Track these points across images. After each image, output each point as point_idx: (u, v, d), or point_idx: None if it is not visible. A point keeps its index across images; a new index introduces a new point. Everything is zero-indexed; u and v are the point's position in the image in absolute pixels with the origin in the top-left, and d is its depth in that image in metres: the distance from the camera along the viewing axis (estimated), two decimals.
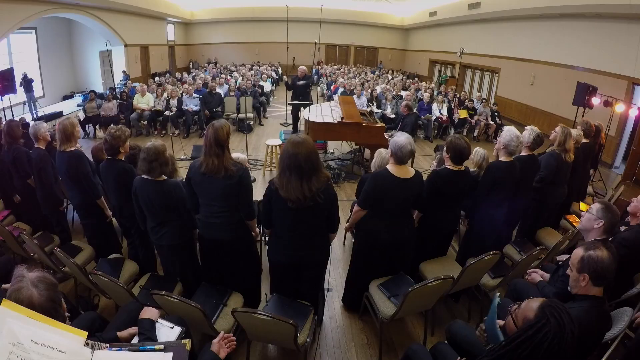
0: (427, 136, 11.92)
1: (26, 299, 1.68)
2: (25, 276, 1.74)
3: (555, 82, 12.75)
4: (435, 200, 3.90)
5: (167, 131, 11.19)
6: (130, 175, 3.90)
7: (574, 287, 2.54)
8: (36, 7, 12.51)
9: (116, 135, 3.98)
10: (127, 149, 4.15)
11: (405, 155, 3.47)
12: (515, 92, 15.14)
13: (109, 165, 4.06)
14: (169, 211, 3.54)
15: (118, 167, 4.02)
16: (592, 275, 2.42)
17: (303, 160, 2.88)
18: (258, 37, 27.51)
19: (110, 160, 4.06)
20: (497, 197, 4.11)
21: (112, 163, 4.05)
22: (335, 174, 8.18)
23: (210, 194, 3.32)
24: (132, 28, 18.58)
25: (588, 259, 2.43)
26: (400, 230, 3.66)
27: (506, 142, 4.08)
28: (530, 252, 3.77)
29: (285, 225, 3.16)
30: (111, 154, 4.04)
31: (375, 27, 28.10)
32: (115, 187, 4.09)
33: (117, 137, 3.98)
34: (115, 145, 3.99)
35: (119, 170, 4.02)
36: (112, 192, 4.18)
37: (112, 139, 3.96)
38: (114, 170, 4.03)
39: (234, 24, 27.12)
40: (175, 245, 3.68)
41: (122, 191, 4.02)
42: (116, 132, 4.00)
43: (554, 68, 12.85)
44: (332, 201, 3.13)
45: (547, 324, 1.92)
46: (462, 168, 3.91)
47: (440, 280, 3.17)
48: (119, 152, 4.05)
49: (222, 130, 3.22)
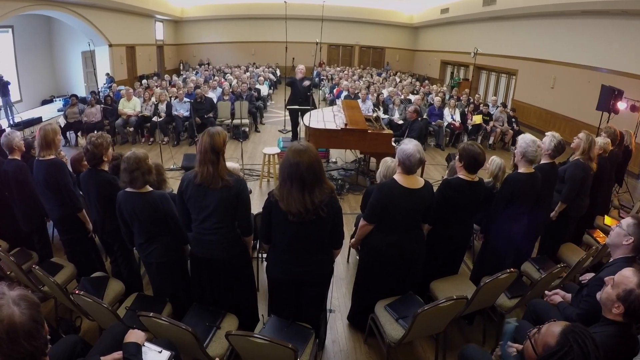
0: (438, 144, 11.97)
1: (7, 318, 1.70)
2: (6, 294, 1.77)
3: (577, 85, 12.79)
4: (446, 212, 3.93)
5: (155, 139, 11.26)
6: (113, 187, 3.91)
7: (604, 306, 2.54)
8: (13, 3, 12.62)
9: (97, 142, 3.97)
10: (110, 157, 4.15)
11: (414, 164, 3.49)
12: (534, 95, 15.19)
13: (90, 176, 4.06)
14: (156, 226, 3.56)
15: (100, 178, 4.02)
16: (628, 310, 2.44)
17: (305, 170, 2.90)
18: (254, 36, 27.70)
19: (92, 171, 4.05)
20: (515, 211, 4.12)
21: (94, 174, 4.04)
22: (338, 185, 8.21)
23: (204, 208, 3.33)
24: (117, 26, 18.72)
25: (635, 296, 2.42)
26: (409, 245, 3.67)
27: (523, 150, 4.08)
28: (550, 270, 3.77)
29: (286, 240, 3.18)
30: (93, 164, 4.03)
31: (381, 26, 28.25)
32: (97, 200, 4.08)
33: (99, 145, 3.97)
34: (97, 154, 3.98)
35: (101, 182, 4.01)
36: (94, 206, 4.17)
37: (93, 147, 3.95)
38: (95, 181, 4.03)
39: (228, 22, 27.31)
40: (165, 262, 3.70)
41: (105, 205, 4.03)
42: (97, 140, 3.98)
43: (576, 70, 12.90)
44: (336, 214, 3.15)
45: (570, 351, 1.90)
46: (476, 178, 3.94)
47: (452, 300, 3.18)
48: (101, 161, 4.04)
49: (218, 137, 3.25)
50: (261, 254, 5.05)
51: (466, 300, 3.32)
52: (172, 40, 26.75)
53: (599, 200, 5.60)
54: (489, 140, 12.22)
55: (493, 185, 4.86)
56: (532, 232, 4.69)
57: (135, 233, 3.67)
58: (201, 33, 27.66)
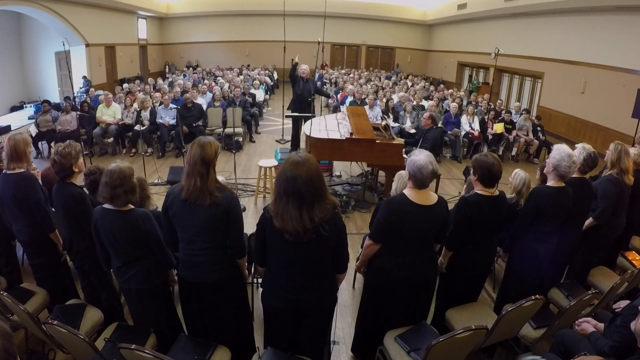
0: (454, 155, 12.00)
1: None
2: None
3: (610, 90, 12.84)
4: (464, 232, 3.94)
5: (137, 150, 11.30)
6: (79, 203, 3.95)
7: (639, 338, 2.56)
8: None
9: (65, 152, 3.97)
10: (81, 167, 4.16)
11: (426, 178, 3.49)
12: (562, 101, 15.25)
13: (58, 188, 4.07)
14: (137, 247, 3.57)
15: (67, 192, 4.03)
16: None
17: (303, 184, 2.88)
18: (249, 35, 27.91)
19: (61, 184, 4.07)
20: (541, 230, 4.14)
21: (62, 187, 4.05)
22: (343, 202, 8.22)
23: (191, 227, 3.35)
24: (95, 24, 18.88)
25: None
26: (420, 268, 3.68)
27: (556, 163, 4.08)
28: (580, 297, 3.79)
29: (282, 263, 3.16)
30: (63, 176, 4.04)
31: (391, 23, 28.46)
32: (63, 216, 4.10)
33: (67, 155, 3.97)
34: (66, 164, 3.98)
35: (68, 196, 4.02)
36: (62, 223, 4.19)
37: (60, 157, 3.95)
38: (62, 195, 4.04)
39: (220, 19, 27.53)
40: (147, 289, 3.69)
41: (72, 222, 4.06)
42: (65, 150, 3.98)
43: (609, 72, 12.94)
44: (339, 234, 3.12)
45: None
46: (496, 192, 3.96)
47: (471, 331, 3.19)
48: (71, 173, 4.06)
49: (209, 147, 3.27)
50: (256, 278, 5.07)
51: (486, 330, 3.32)
52: (157, 40, 26.97)
53: (635, 219, 5.59)
54: (512, 152, 12.26)
55: (516, 202, 4.88)
56: (561, 254, 4.65)
57: (112, 255, 3.67)
58: (189, 31, 27.85)
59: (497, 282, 5.58)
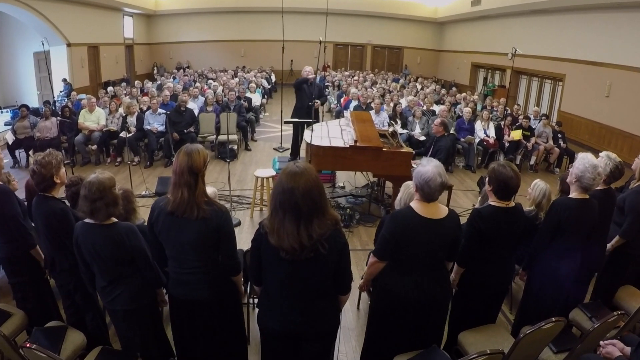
0: (468, 165, 12.04)
1: None
2: None
3: (638, 93, 12.84)
4: (477, 248, 3.96)
5: (123, 158, 11.31)
6: (62, 220, 3.95)
7: None
8: None
9: (45, 161, 3.96)
10: (63, 178, 4.16)
11: (435, 191, 3.49)
12: (585, 106, 15.25)
13: (38, 203, 4.06)
14: (122, 265, 3.57)
15: (48, 207, 4.02)
16: None
17: (301, 197, 2.85)
18: (244, 34, 28.06)
19: (41, 197, 4.06)
20: (563, 246, 4.16)
21: (42, 201, 4.05)
22: (346, 216, 8.20)
23: (180, 244, 3.35)
24: (77, 22, 18.97)
25: None
26: (431, 288, 3.66)
27: (579, 174, 4.09)
28: (605, 319, 3.79)
29: (278, 283, 3.13)
30: (43, 188, 4.03)
31: (399, 21, 28.59)
32: (45, 233, 4.09)
33: (47, 164, 3.96)
34: (46, 175, 3.96)
35: (49, 211, 4.01)
36: (42, 239, 4.19)
37: (40, 167, 3.93)
38: (43, 210, 4.03)
39: (212, 16, 27.68)
40: (134, 310, 3.69)
41: (53, 239, 4.05)
42: (44, 159, 3.97)
43: (636, 74, 12.96)
44: (341, 252, 3.08)
45: None
46: (512, 204, 3.97)
47: (485, 355, 3.20)
48: (52, 185, 4.05)
49: (197, 156, 3.26)
50: (253, 298, 5.07)
51: (502, 355, 3.33)
52: (144, 39, 27.14)
53: None
54: (530, 161, 12.28)
55: (536, 215, 4.89)
56: (584, 272, 4.64)
57: (96, 273, 3.66)
58: (179, 30, 27.98)
59: (514, 303, 5.60)
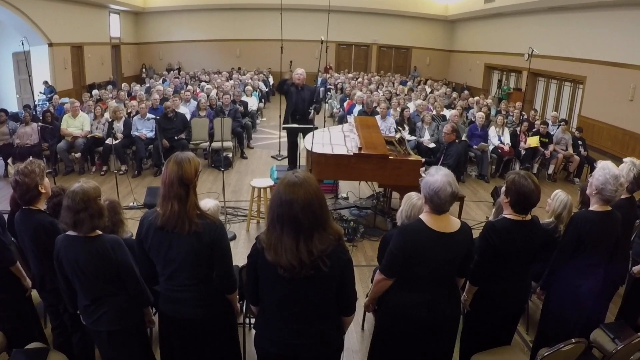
0: (481, 174, 12.05)
1: None
2: None
3: None
4: (491, 264, 3.95)
5: (109, 167, 11.32)
6: (51, 234, 3.91)
7: None
8: None
9: (28, 170, 3.93)
10: (47, 188, 4.13)
11: (445, 202, 3.47)
12: (608, 110, 15.26)
13: (24, 217, 4.05)
14: (107, 281, 3.55)
15: (36, 221, 4.01)
16: None
17: (300, 210, 2.82)
18: (240, 33, 28.14)
19: (27, 211, 4.05)
20: (585, 262, 4.16)
21: (27, 215, 4.04)
22: (350, 229, 8.20)
23: (170, 261, 3.35)
24: (59, 20, 19.03)
25: None
26: (441, 306, 3.65)
27: (600, 186, 4.08)
28: (629, 340, 3.80)
29: (276, 302, 3.10)
30: (27, 201, 4.01)
31: (407, 19, 28.65)
32: (31, 248, 4.09)
33: (30, 173, 3.94)
34: (30, 184, 3.94)
35: (37, 226, 3.99)
36: (30, 257, 4.18)
37: (24, 177, 3.91)
38: (30, 225, 4.02)
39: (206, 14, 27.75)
40: (120, 331, 3.67)
41: (42, 255, 4.03)
42: (27, 168, 3.95)
43: None
44: (344, 269, 3.04)
45: None
46: (528, 217, 3.96)
47: None
48: (39, 195, 4.03)
49: (188, 165, 3.25)
50: (249, 317, 5.05)
51: None
52: (132, 38, 27.20)
53: None
54: (548, 169, 12.27)
55: (555, 228, 4.90)
56: (607, 290, 4.65)
57: (78, 291, 3.65)
58: (170, 29, 28.03)
59: (531, 323, 5.60)
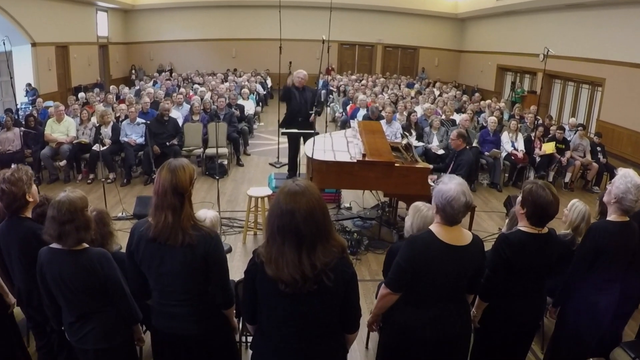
0: (493, 182, 12.03)
1: None
2: None
3: None
4: (504, 279, 3.94)
5: (96, 175, 11.29)
6: (42, 241, 3.82)
7: None
8: None
9: (15, 178, 3.90)
10: (35, 196, 4.10)
11: (458, 212, 3.47)
12: (628, 115, 15.26)
13: (9, 226, 4.03)
14: (93, 297, 3.54)
15: (23, 229, 3.99)
16: None
17: (303, 220, 2.80)
18: (235, 32, 28.22)
19: (13, 220, 4.03)
20: (602, 276, 4.17)
21: (15, 223, 4.02)
22: (353, 241, 8.16)
23: (163, 275, 3.34)
24: (43, 18, 19.09)
25: None
26: (451, 323, 3.64)
27: (620, 195, 4.06)
28: None
29: (275, 320, 3.07)
30: (14, 209, 3.99)
31: (414, 17, 28.74)
32: (19, 259, 4.07)
33: (17, 181, 3.90)
34: (18, 193, 3.91)
35: (25, 235, 3.98)
36: (17, 268, 4.16)
37: (10, 185, 3.87)
38: (18, 234, 4.00)
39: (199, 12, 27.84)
40: (107, 349, 3.65)
41: (29, 267, 3.97)
42: (13, 175, 3.91)
43: None
44: (349, 284, 3.03)
45: None
46: (545, 230, 3.96)
47: None
48: (26, 204, 4.02)
49: (182, 173, 3.23)
50: (245, 336, 5.05)
51: None
52: (121, 38, 27.29)
53: None
54: (565, 178, 12.24)
55: (572, 240, 4.89)
56: (626, 306, 4.64)
57: (63, 307, 3.64)
58: (161, 27, 28.10)
59: (546, 341, 5.56)
